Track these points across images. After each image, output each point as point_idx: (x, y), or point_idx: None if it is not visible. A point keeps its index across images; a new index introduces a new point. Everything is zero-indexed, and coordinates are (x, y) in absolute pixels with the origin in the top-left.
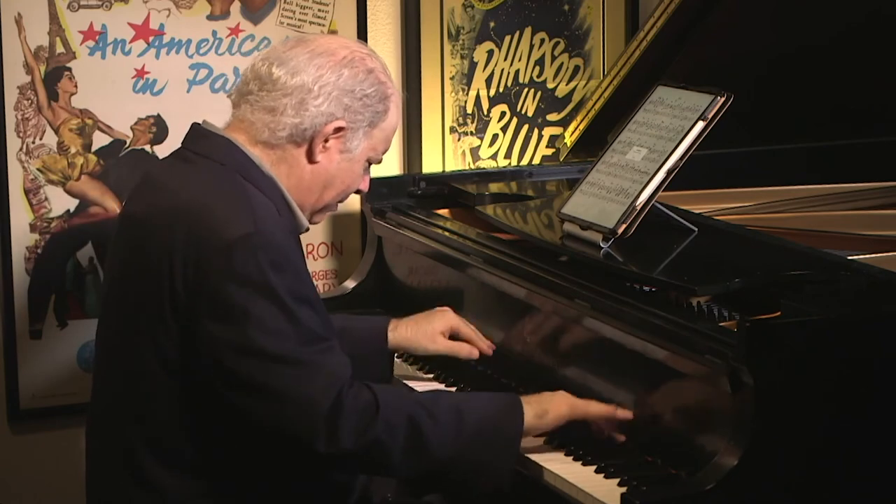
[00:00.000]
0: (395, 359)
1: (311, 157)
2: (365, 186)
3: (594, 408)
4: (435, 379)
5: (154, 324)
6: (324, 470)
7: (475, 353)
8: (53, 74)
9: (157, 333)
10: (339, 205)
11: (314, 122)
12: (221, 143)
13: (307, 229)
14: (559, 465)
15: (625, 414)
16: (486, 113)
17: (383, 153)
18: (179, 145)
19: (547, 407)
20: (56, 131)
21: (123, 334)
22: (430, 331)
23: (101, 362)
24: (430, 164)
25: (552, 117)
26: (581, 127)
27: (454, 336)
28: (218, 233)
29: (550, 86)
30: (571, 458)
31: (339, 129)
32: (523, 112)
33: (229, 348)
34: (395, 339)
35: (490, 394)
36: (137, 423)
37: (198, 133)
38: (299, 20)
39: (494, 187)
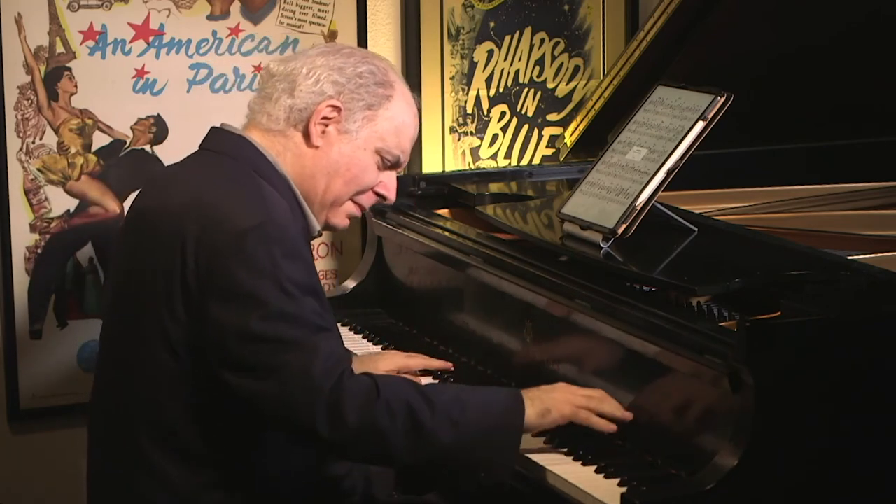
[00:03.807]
0: None
1: (309, 140)
2: (386, 190)
3: (595, 420)
4: (434, 379)
5: (163, 311)
6: (326, 455)
7: (418, 381)
8: (53, 74)
9: (165, 320)
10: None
11: (307, 101)
12: (235, 140)
13: (319, 234)
14: (559, 466)
15: (626, 417)
16: (486, 113)
17: (398, 150)
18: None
19: (549, 406)
20: (56, 131)
21: (131, 324)
22: (372, 368)
23: (107, 352)
24: (430, 164)
25: (552, 117)
26: (581, 127)
27: (405, 374)
28: (231, 221)
29: (550, 86)
30: (572, 458)
31: (334, 108)
32: (523, 112)
33: (234, 331)
34: None
35: (492, 388)
36: (143, 413)
37: (213, 133)
38: (299, 20)
39: (494, 187)
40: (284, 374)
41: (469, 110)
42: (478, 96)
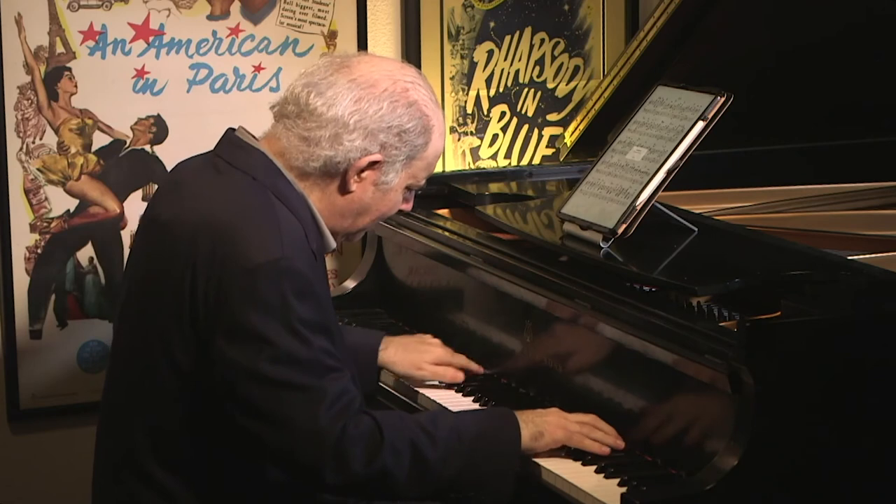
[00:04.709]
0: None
1: (343, 189)
2: (407, 207)
3: (588, 443)
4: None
5: (172, 332)
6: (332, 496)
7: (459, 377)
8: (53, 74)
9: (173, 342)
10: None
11: (348, 156)
12: (255, 156)
13: (335, 249)
14: (559, 465)
15: (618, 444)
16: (486, 113)
17: (425, 179)
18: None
19: (542, 429)
20: (56, 131)
21: (140, 339)
22: (417, 360)
23: (115, 364)
24: None
25: (552, 117)
26: (581, 127)
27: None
28: (244, 255)
29: (550, 86)
30: (571, 458)
31: (374, 163)
32: (523, 112)
33: (242, 371)
34: (383, 358)
35: (487, 410)
36: (144, 421)
37: (232, 142)
38: (299, 20)
39: (494, 187)
40: (291, 424)
41: (469, 110)
42: (478, 96)
